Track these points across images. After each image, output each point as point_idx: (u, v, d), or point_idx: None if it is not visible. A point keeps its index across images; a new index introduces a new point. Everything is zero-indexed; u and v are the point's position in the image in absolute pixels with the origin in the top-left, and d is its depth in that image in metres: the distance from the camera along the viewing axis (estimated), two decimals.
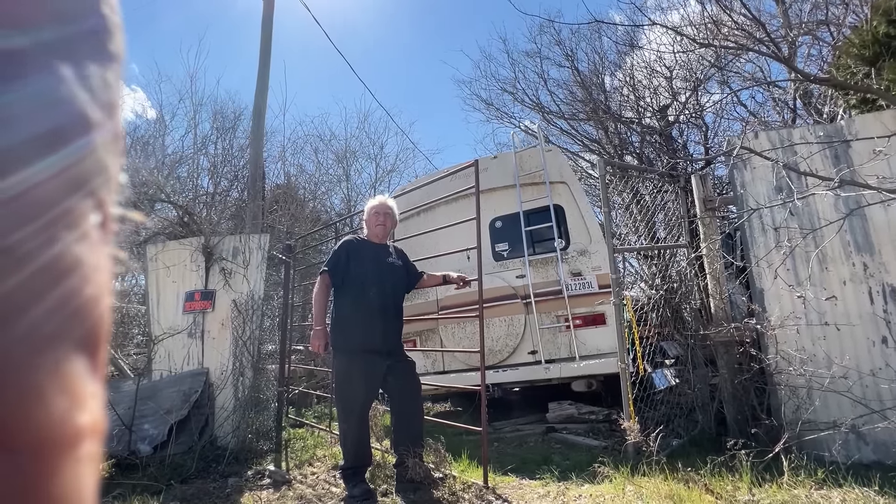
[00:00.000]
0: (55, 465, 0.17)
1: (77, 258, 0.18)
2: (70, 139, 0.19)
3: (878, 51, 3.44)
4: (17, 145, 0.17)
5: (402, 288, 3.03)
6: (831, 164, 3.28)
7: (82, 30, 0.20)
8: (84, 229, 0.19)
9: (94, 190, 0.20)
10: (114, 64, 0.21)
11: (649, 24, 6.18)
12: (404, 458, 2.77)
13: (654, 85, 8.41)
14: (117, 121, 0.21)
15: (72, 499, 0.18)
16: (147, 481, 3.12)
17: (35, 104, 0.18)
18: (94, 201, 0.20)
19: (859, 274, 3.17)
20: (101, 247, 0.20)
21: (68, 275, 0.18)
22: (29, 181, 0.17)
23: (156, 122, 11.97)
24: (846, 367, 2.99)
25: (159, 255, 4.57)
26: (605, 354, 4.09)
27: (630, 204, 4.19)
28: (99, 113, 0.20)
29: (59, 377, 0.18)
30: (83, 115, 0.20)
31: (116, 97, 0.21)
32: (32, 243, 0.17)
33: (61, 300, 0.18)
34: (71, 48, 0.20)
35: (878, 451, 2.93)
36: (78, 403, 0.18)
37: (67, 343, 0.18)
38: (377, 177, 14.95)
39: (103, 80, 0.21)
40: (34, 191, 0.17)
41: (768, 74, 7.24)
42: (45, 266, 0.17)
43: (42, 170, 0.18)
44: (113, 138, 0.21)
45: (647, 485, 2.54)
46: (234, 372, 4.14)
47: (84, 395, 0.18)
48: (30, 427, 0.17)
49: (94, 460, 0.19)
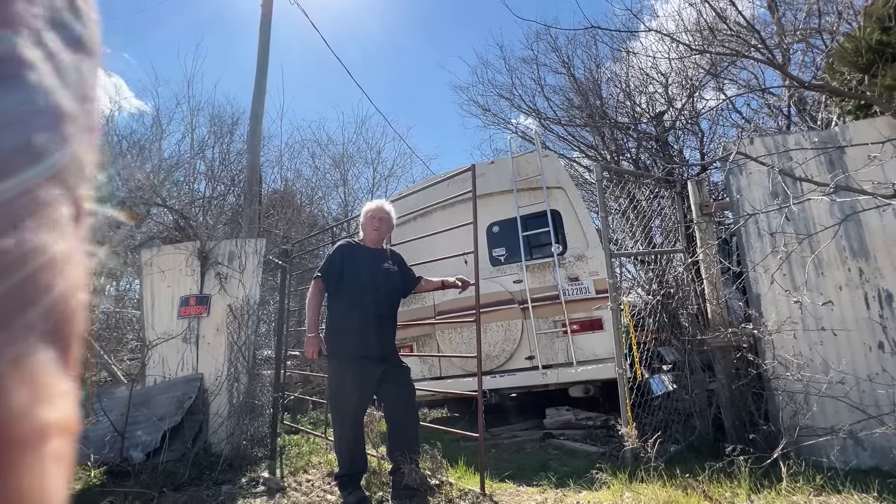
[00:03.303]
0: (15, 462, 0.16)
1: (45, 249, 0.18)
2: (41, 130, 0.18)
3: (871, 58, 3.47)
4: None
5: (398, 293, 3.01)
6: (826, 169, 3.30)
7: (55, 20, 0.20)
8: (57, 223, 0.18)
9: (67, 183, 0.19)
10: (89, 57, 0.21)
11: (645, 31, 6.23)
12: (400, 464, 2.74)
13: (651, 91, 8.48)
14: (92, 113, 0.21)
15: (34, 498, 0.17)
16: (139, 489, 3.07)
17: (5, 95, 0.18)
18: (67, 195, 0.19)
19: (855, 279, 3.18)
20: (73, 239, 0.19)
21: (39, 268, 0.17)
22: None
23: (152, 126, 11.95)
24: (843, 372, 2.99)
25: (154, 259, 4.54)
26: (603, 360, 4.07)
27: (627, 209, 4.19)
28: (72, 104, 0.20)
29: (21, 370, 0.17)
30: (56, 106, 0.19)
31: (91, 90, 0.21)
32: (2, 236, 0.17)
33: (26, 291, 0.17)
34: (43, 38, 0.19)
35: (875, 457, 2.92)
36: (43, 398, 0.17)
37: (32, 335, 0.17)
38: (374, 182, 14.99)
39: (78, 73, 0.20)
40: (4, 184, 0.17)
41: (763, 81, 7.32)
42: (14, 259, 0.17)
43: (12, 162, 0.17)
44: (87, 130, 0.21)
45: (645, 491, 2.52)
46: (228, 378, 4.10)
47: (51, 390, 0.18)
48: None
49: (63, 459, 0.18)
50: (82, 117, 0.20)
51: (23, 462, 0.16)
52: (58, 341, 0.18)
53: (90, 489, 3.24)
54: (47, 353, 0.18)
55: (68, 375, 0.19)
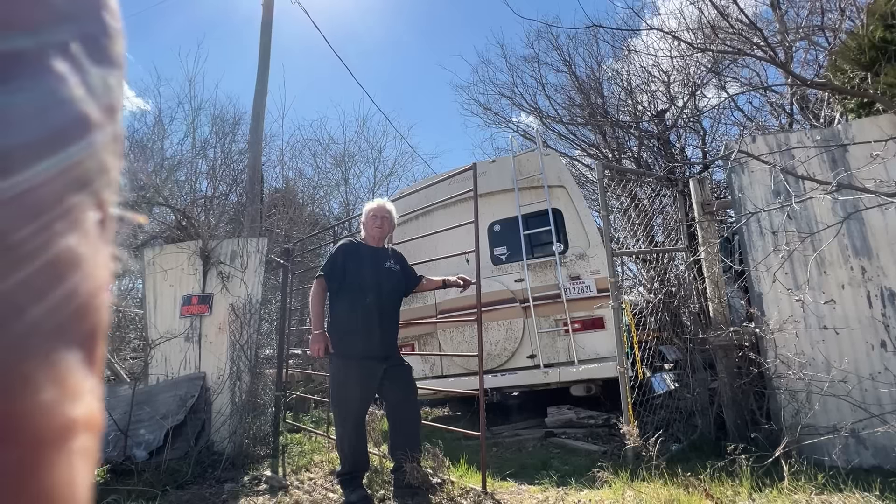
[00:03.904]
0: (45, 458, 0.17)
1: (76, 255, 0.19)
2: (71, 140, 0.20)
3: (874, 55, 3.46)
4: (18, 145, 0.18)
5: (399, 292, 3.02)
6: (829, 168, 3.29)
7: (83, 34, 0.21)
8: (84, 227, 0.20)
9: (94, 189, 0.20)
10: (114, 68, 0.22)
11: (647, 29, 6.21)
12: (402, 463, 2.75)
13: (652, 89, 8.45)
14: (118, 123, 0.22)
15: (63, 493, 0.18)
16: (142, 487, 3.09)
17: (36, 105, 0.19)
18: (94, 200, 0.20)
19: (858, 278, 3.17)
20: (101, 245, 0.20)
21: (67, 271, 0.19)
22: (30, 181, 0.18)
23: (154, 125, 11.96)
24: (845, 371, 2.98)
25: (157, 258, 4.55)
26: (604, 358, 4.07)
27: (628, 208, 4.19)
28: (99, 114, 0.21)
29: (51, 369, 0.18)
30: (84, 116, 0.20)
31: (117, 101, 0.22)
32: (33, 240, 0.18)
33: (59, 296, 0.18)
34: (72, 51, 0.20)
35: (877, 456, 2.91)
36: (71, 396, 0.18)
37: (63, 337, 0.18)
38: (376, 181, 14.98)
39: (104, 84, 0.21)
40: (36, 190, 0.18)
41: (765, 79, 7.29)
42: (44, 263, 0.18)
43: (43, 169, 0.18)
44: (113, 140, 0.22)
45: (647, 490, 2.52)
46: (231, 376, 4.11)
47: (78, 388, 0.18)
48: (17, 417, 0.16)
49: (89, 455, 0.19)
50: (109, 126, 0.21)
51: (53, 457, 0.17)
52: (85, 342, 0.19)
53: (93, 487, 3.25)
54: (74, 353, 0.18)
55: (93, 374, 0.19)
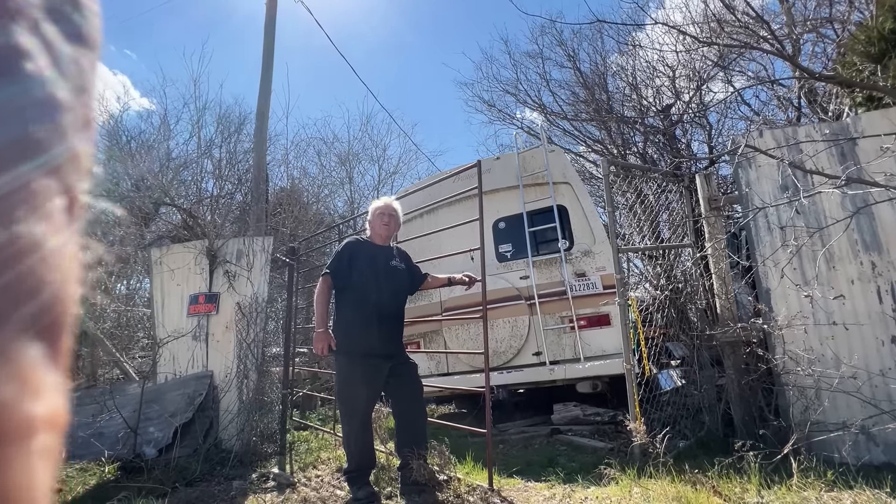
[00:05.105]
0: (1, 457, 0.16)
1: (36, 241, 0.17)
2: (36, 121, 0.18)
3: (884, 47, 3.41)
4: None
5: (405, 290, 3.02)
6: (837, 162, 3.25)
7: (53, 9, 0.20)
8: (47, 212, 0.18)
9: (61, 175, 0.19)
10: (87, 48, 0.21)
11: (652, 24, 6.16)
12: (408, 460, 2.76)
13: (657, 84, 8.38)
14: (89, 106, 0.21)
15: (21, 495, 0.16)
16: (152, 484, 3.12)
17: (1, 86, 0.17)
18: (61, 186, 0.19)
19: (867, 273, 3.14)
20: (66, 231, 0.19)
21: (29, 260, 0.17)
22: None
23: (160, 126, 12.03)
24: (855, 367, 2.95)
25: (164, 258, 4.58)
26: (610, 355, 4.06)
27: (634, 204, 4.16)
28: (69, 96, 0.19)
29: (9, 363, 0.16)
30: (51, 97, 0.19)
31: (89, 82, 0.21)
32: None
33: (19, 286, 0.17)
34: (40, 28, 0.19)
35: (888, 453, 2.89)
36: (31, 392, 0.17)
37: (23, 330, 0.17)
38: (380, 179, 14.99)
39: (76, 64, 0.20)
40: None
41: (772, 73, 7.21)
42: (2, 250, 0.16)
43: (2, 151, 0.17)
44: (84, 123, 0.20)
45: (654, 487, 2.51)
46: (238, 375, 4.14)
47: (38, 384, 0.17)
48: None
49: (51, 455, 0.18)
50: (79, 109, 0.20)
51: (10, 457, 0.16)
52: (46, 334, 0.18)
53: (104, 485, 3.29)
54: (35, 347, 0.17)
55: (57, 369, 0.18)
